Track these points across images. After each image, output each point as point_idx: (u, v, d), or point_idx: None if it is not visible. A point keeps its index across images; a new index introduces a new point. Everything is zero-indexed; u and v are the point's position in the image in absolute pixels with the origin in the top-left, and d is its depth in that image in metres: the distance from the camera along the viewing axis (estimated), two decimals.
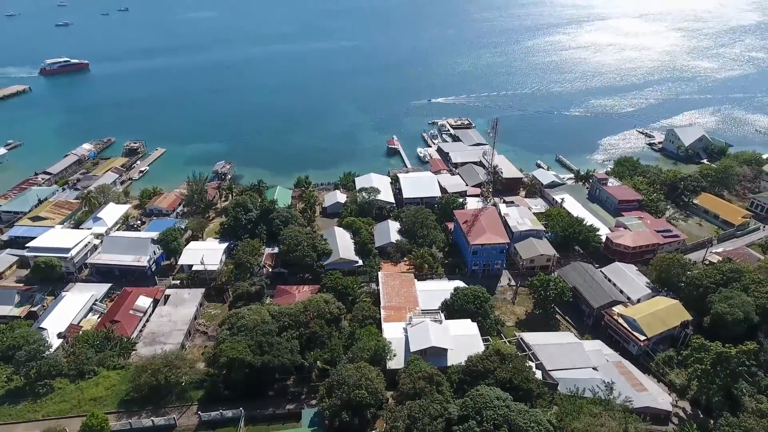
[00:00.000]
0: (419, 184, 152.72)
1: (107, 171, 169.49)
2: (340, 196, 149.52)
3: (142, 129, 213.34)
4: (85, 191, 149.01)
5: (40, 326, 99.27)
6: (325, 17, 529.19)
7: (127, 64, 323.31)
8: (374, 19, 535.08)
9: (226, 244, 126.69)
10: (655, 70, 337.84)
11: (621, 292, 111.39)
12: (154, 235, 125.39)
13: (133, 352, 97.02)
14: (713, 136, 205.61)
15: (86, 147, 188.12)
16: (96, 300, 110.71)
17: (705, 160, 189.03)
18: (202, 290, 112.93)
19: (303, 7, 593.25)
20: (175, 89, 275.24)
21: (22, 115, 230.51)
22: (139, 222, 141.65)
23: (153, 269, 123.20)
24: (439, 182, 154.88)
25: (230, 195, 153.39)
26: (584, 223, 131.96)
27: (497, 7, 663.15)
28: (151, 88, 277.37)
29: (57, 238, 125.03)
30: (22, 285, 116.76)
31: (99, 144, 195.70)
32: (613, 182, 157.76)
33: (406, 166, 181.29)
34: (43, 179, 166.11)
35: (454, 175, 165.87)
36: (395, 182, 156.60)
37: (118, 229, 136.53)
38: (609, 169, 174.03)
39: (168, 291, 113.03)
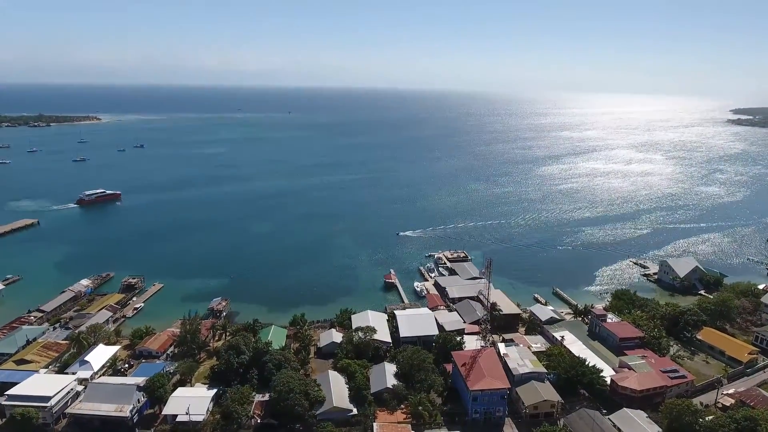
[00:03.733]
0: (416, 323, 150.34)
1: (101, 309, 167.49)
2: (336, 336, 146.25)
3: (144, 262, 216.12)
4: (76, 331, 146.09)
5: None
6: (324, 154, 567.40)
7: (143, 197, 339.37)
8: (376, 153, 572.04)
9: (214, 391, 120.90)
10: (646, 199, 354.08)
11: None
12: (141, 381, 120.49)
13: None
14: (706, 265, 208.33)
15: (84, 283, 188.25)
16: None
17: (702, 291, 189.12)
18: None
19: (303, 145, 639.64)
20: (182, 221, 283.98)
21: (26, 249, 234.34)
22: (126, 366, 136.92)
23: (135, 419, 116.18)
24: (436, 319, 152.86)
25: (224, 334, 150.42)
26: (587, 363, 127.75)
27: (504, 141, 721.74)
28: (161, 220, 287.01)
29: (38, 385, 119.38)
30: None
31: (97, 279, 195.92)
32: (612, 318, 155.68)
33: (403, 302, 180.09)
34: (35, 317, 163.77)
35: (451, 311, 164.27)
36: (392, 319, 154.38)
37: (104, 374, 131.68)
38: (607, 303, 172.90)
39: None
